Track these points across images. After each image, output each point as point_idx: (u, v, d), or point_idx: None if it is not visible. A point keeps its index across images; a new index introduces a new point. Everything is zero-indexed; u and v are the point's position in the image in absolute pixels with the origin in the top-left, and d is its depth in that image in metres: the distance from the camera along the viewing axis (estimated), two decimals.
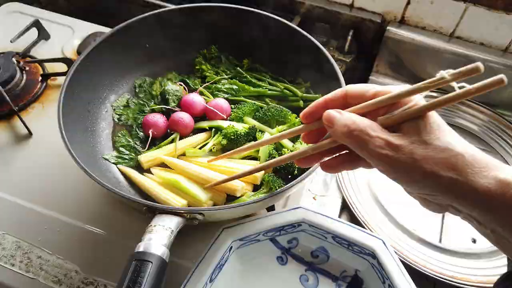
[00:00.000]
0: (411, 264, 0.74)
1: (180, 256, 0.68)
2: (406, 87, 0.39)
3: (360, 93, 0.42)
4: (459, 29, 1.00)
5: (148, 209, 0.57)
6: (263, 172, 0.73)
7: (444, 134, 0.37)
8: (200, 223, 0.59)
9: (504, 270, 0.76)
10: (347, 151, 0.46)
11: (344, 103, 0.43)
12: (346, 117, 0.40)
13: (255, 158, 0.77)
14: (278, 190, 0.60)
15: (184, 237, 0.69)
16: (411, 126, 0.38)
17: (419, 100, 0.39)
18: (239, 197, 0.71)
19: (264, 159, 0.75)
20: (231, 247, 0.63)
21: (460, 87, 0.36)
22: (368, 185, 0.85)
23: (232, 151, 0.64)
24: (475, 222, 0.38)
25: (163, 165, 0.76)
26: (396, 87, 0.41)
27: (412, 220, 0.82)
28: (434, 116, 0.39)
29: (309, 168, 0.64)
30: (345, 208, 0.84)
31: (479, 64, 0.34)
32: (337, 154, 0.47)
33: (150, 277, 0.46)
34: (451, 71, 0.36)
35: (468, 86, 0.35)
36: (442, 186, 0.36)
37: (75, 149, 0.63)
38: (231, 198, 0.72)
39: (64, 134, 0.64)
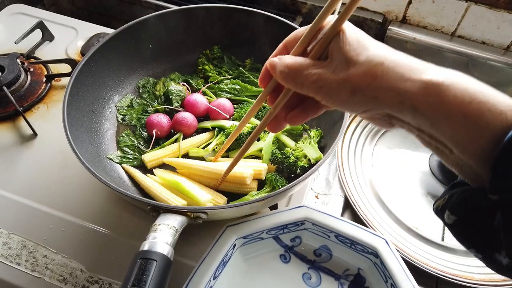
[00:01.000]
0: (413, 262, 0.74)
1: (183, 254, 0.69)
2: (320, 12, 0.42)
3: (294, 36, 0.45)
4: (460, 28, 1.00)
5: (152, 208, 0.57)
6: (267, 167, 0.74)
7: (364, 48, 0.38)
8: (204, 222, 0.60)
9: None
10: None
11: (287, 53, 0.46)
12: (281, 62, 0.42)
13: (258, 157, 0.78)
14: (281, 188, 0.61)
15: (188, 236, 0.70)
16: (335, 48, 0.39)
17: (330, 19, 0.41)
18: (242, 196, 0.71)
19: (267, 158, 0.75)
20: (235, 245, 0.64)
21: None
22: (371, 184, 0.86)
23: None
24: (414, 131, 0.38)
25: (166, 166, 0.77)
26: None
27: (415, 219, 0.82)
28: (351, 32, 0.39)
29: (312, 167, 0.64)
30: (348, 207, 0.84)
31: None
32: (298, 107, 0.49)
33: (155, 275, 0.46)
34: None
35: None
36: (369, 98, 0.37)
37: (79, 149, 0.64)
38: (232, 198, 0.73)
39: (69, 134, 0.64)
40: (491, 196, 0.32)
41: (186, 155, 0.79)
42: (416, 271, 0.72)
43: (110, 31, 1.07)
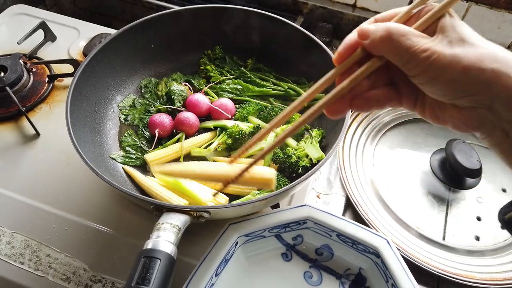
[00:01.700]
0: (415, 262, 0.75)
1: (185, 253, 0.69)
2: None
3: (390, 16, 0.41)
4: None
5: (155, 207, 0.58)
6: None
7: (475, 34, 0.37)
8: (206, 221, 0.60)
9: (508, 267, 0.76)
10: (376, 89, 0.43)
11: None
12: (382, 25, 0.38)
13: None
14: (283, 188, 0.61)
15: (190, 235, 0.70)
16: (447, 26, 0.37)
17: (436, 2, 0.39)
18: (242, 197, 0.72)
19: (268, 158, 0.76)
20: (237, 243, 0.64)
21: None
22: (372, 183, 0.86)
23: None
24: (503, 131, 0.37)
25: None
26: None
27: (416, 218, 0.82)
28: (459, 20, 0.38)
29: (314, 166, 0.64)
30: (349, 206, 0.85)
31: None
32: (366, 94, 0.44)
33: (159, 273, 0.47)
34: None
35: None
36: (484, 79, 0.34)
37: (82, 149, 0.64)
38: (234, 199, 0.73)
39: (72, 134, 0.65)
40: None
41: (188, 155, 0.80)
42: (418, 271, 0.73)
43: (112, 31, 1.07)
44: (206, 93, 0.88)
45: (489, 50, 0.35)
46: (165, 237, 0.51)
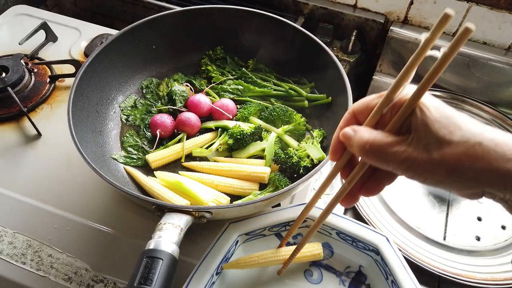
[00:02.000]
0: (416, 262, 0.75)
1: (186, 253, 0.69)
2: (395, 79, 0.39)
3: (365, 106, 0.42)
4: (462, 29, 1.00)
5: (157, 207, 0.58)
6: (269, 170, 0.74)
7: (456, 126, 0.36)
8: (207, 220, 0.60)
9: (508, 267, 0.77)
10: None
11: (357, 122, 0.43)
12: (359, 136, 0.39)
13: (261, 157, 0.79)
14: (284, 188, 0.61)
15: (190, 235, 0.70)
16: (420, 125, 0.37)
17: (405, 92, 0.39)
18: (243, 198, 0.72)
19: (269, 159, 0.76)
20: (237, 241, 0.64)
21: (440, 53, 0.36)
22: None
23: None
24: (507, 203, 0.38)
25: (167, 168, 0.78)
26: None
27: (417, 218, 0.82)
28: (435, 107, 0.37)
29: (315, 167, 0.65)
30: (350, 207, 0.85)
31: (446, 10, 0.34)
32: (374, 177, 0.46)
33: (161, 273, 0.47)
34: (427, 33, 0.36)
35: (442, 49, 0.35)
36: (469, 179, 0.36)
37: (84, 149, 0.64)
38: (235, 199, 0.74)
39: (74, 134, 0.65)
40: None
41: (189, 155, 0.80)
42: (419, 270, 0.73)
43: (113, 32, 1.08)
44: (207, 94, 0.88)
45: (468, 145, 0.35)
46: (167, 237, 0.51)
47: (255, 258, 0.63)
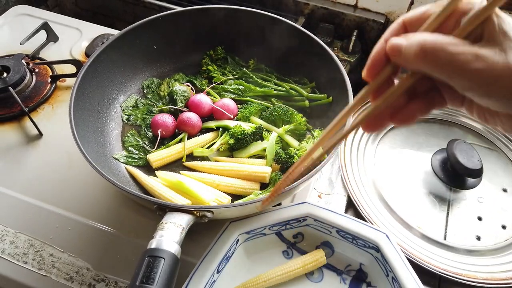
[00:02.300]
0: (416, 261, 0.75)
1: (187, 253, 0.69)
2: None
3: (420, 15, 0.37)
4: None
5: (158, 207, 0.58)
6: (271, 170, 0.75)
7: None
8: (209, 220, 0.60)
9: (509, 267, 0.77)
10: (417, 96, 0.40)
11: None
12: (415, 37, 0.33)
13: (262, 157, 0.79)
14: (286, 188, 0.61)
15: (191, 234, 0.71)
16: (499, 31, 0.32)
17: (477, 2, 0.34)
18: (243, 197, 0.72)
19: (270, 158, 0.76)
20: (238, 240, 0.65)
21: None
22: (373, 183, 0.86)
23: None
24: None
25: (168, 167, 0.78)
26: None
27: (417, 218, 0.82)
28: (508, 17, 0.33)
29: (315, 167, 0.65)
30: (351, 206, 0.85)
31: None
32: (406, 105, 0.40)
33: (163, 273, 0.47)
34: None
35: None
36: None
37: (86, 149, 0.65)
38: (236, 198, 0.74)
39: (75, 134, 0.65)
40: None
41: (190, 155, 0.80)
42: (419, 270, 0.73)
43: (114, 32, 1.08)
44: (208, 94, 0.89)
45: None
46: (168, 237, 0.51)
47: (261, 278, 0.64)
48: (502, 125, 0.36)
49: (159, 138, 0.80)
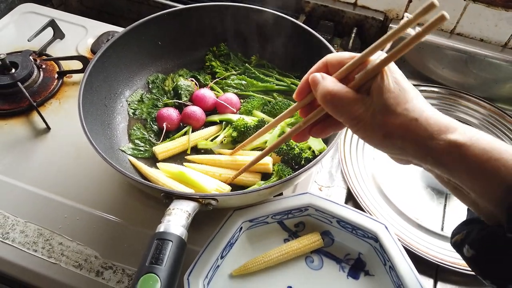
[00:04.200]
0: (414, 251, 0.77)
1: (191, 241, 0.71)
2: (371, 46, 0.43)
3: (339, 60, 0.46)
4: (459, 26, 1.03)
5: (165, 195, 0.60)
6: (272, 160, 0.77)
7: (404, 99, 0.41)
8: (213, 210, 0.63)
9: None
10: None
11: (326, 72, 0.47)
12: (325, 84, 0.44)
13: (263, 149, 0.81)
14: (288, 177, 0.64)
15: (194, 223, 0.73)
16: (376, 90, 0.41)
17: (376, 58, 0.42)
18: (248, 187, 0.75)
19: None
20: (241, 228, 0.67)
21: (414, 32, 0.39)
22: (373, 177, 0.88)
23: (245, 141, 0.69)
24: (434, 173, 0.44)
25: (170, 160, 0.81)
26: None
27: (415, 210, 0.85)
28: (395, 78, 0.42)
29: (316, 157, 0.67)
30: (350, 199, 0.87)
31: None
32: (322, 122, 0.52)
33: (171, 254, 0.49)
34: (410, 15, 0.39)
35: (417, 29, 0.39)
36: (397, 147, 0.42)
37: (94, 140, 0.67)
38: (240, 189, 0.76)
39: (85, 126, 0.67)
40: (509, 234, 0.38)
41: (195, 147, 0.82)
42: (417, 260, 0.75)
43: (119, 29, 1.10)
44: (211, 88, 0.91)
45: (405, 119, 0.40)
46: (176, 221, 0.54)
47: (261, 258, 0.67)
48: (390, 156, 0.47)
49: (164, 131, 0.82)
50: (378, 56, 0.42)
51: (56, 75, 1.00)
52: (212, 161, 0.79)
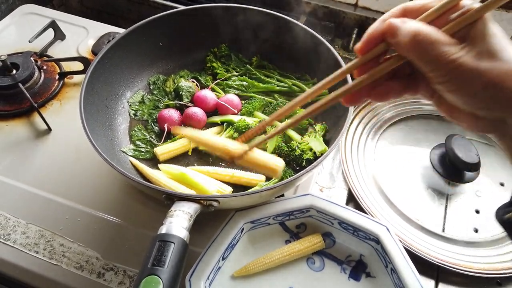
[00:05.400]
0: (415, 252, 0.77)
1: (192, 243, 0.70)
2: None
3: (419, 7, 0.40)
4: None
5: (167, 196, 0.60)
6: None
7: (508, 45, 0.36)
8: (214, 211, 0.63)
9: (505, 258, 0.79)
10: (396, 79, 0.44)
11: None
12: (411, 24, 0.37)
13: (264, 150, 0.81)
14: (289, 178, 0.64)
15: (197, 226, 0.73)
16: (478, 35, 0.36)
17: (470, 2, 0.37)
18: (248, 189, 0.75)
19: (271, 149, 0.78)
20: (243, 229, 0.67)
21: None
22: (373, 178, 0.88)
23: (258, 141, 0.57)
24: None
25: (171, 161, 0.81)
26: None
27: (416, 211, 0.84)
28: (494, 25, 0.37)
29: (317, 158, 0.67)
30: (351, 200, 0.87)
31: None
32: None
33: (173, 256, 0.49)
34: None
35: None
36: (500, 99, 0.36)
37: (95, 142, 0.67)
38: (241, 190, 0.76)
39: (86, 127, 0.67)
40: None
41: (196, 149, 0.82)
42: (418, 261, 0.75)
43: (120, 30, 1.10)
44: (213, 89, 0.91)
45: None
46: (177, 223, 0.54)
47: (262, 260, 0.66)
48: (467, 123, 0.40)
49: (165, 132, 0.82)
50: (472, 2, 0.37)
51: (57, 76, 1.00)
52: (211, 174, 0.78)
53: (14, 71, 0.95)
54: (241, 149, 0.56)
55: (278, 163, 0.61)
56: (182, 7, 0.91)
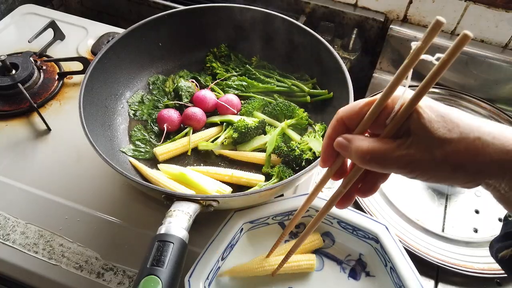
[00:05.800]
0: (415, 252, 0.77)
1: (191, 243, 0.70)
2: (388, 85, 0.38)
3: (353, 111, 0.41)
4: (459, 27, 1.03)
5: (166, 196, 0.60)
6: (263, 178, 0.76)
7: (453, 123, 0.37)
8: (214, 211, 0.63)
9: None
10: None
11: (346, 128, 0.42)
12: (356, 146, 0.39)
13: (264, 150, 0.81)
14: (289, 178, 0.64)
15: (196, 226, 0.73)
16: (418, 127, 0.37)
17: (401, 96, 0.38)
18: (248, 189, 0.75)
19: (270, 149, 0.78)
20: (242, 229, 0.67)
21: (436, 59, 0.35)
22: None
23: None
24: (501, 190, 0.39)
25: (170, 161, 0.81)
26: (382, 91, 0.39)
27: (416, 211, 0.85)
28: (431, 108, 0.38)
29: (317, 158, 0.67)
30: None
31: (438, 18, 0.33)
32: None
33: (173, 256, 0.49)
34: (418, 42, 0.35)
35: (440, 55, 0.34)
36: (472, 173, 0.37)
37: (95, 142, 0.67)
38: (240, 190, 0.76)
39: (85, 127, 0.67)
40: None
41: (195, 149, 0.82)
42: (418, 261, 0.75)
43: (119, 30, 1.10)
44: (212, 89, 0.91)
45: (468, 141, 0.36)
46: (177, 223, 0.54)
47: (260, 262, 0.66)
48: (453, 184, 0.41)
49: (165, 132, 0.82)
50: (403, 93, 0.38)
51: (57, 76, 1.00)
52: (208, 174, 0.78)
53: (14, 71, 0.95)
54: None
55: (311, 259, 0.66)
56: (182, 7, 0.91)
